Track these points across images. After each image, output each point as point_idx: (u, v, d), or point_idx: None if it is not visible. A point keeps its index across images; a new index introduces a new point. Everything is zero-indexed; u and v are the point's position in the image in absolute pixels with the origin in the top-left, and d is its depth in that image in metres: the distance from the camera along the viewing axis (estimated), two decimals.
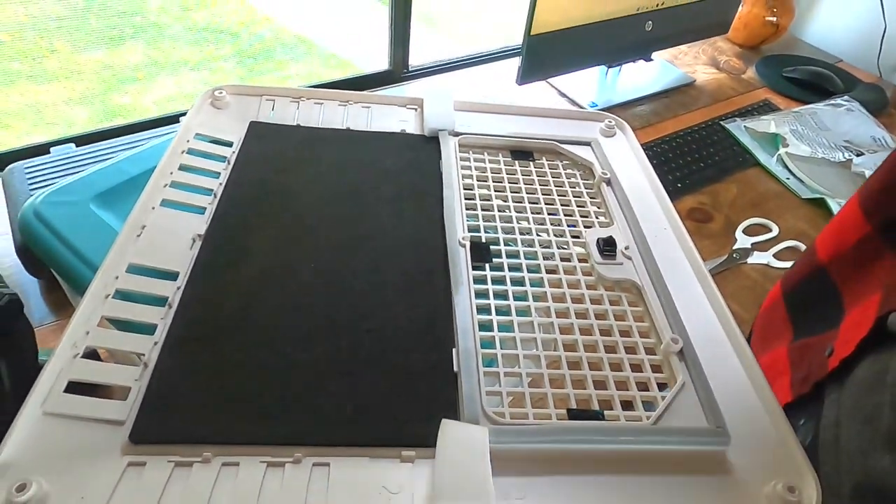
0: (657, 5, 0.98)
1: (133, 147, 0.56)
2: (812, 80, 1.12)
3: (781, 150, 0.91)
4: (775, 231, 0.79)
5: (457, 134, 0.57)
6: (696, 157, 0.90)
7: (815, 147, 0.91)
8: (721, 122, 0.98)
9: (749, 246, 0.77)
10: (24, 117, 2.25)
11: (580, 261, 0.48)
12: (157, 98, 2.42)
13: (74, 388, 0.34)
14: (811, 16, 1.31)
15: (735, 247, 0.77)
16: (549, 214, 0.51)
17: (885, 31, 1.17)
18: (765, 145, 0.94)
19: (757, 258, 0.75)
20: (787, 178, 0.88)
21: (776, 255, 0.75)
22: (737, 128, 0.97)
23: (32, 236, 0.46)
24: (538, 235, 0.49)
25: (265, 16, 2.82)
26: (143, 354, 0.36)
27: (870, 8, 1.18)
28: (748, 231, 0.79)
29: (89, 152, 0.64)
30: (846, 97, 1.04)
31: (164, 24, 2.69)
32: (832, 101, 1.03)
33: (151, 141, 0.58)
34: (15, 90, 2.33)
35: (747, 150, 0.93)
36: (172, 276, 0.41)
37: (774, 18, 1.17)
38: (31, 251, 0.56)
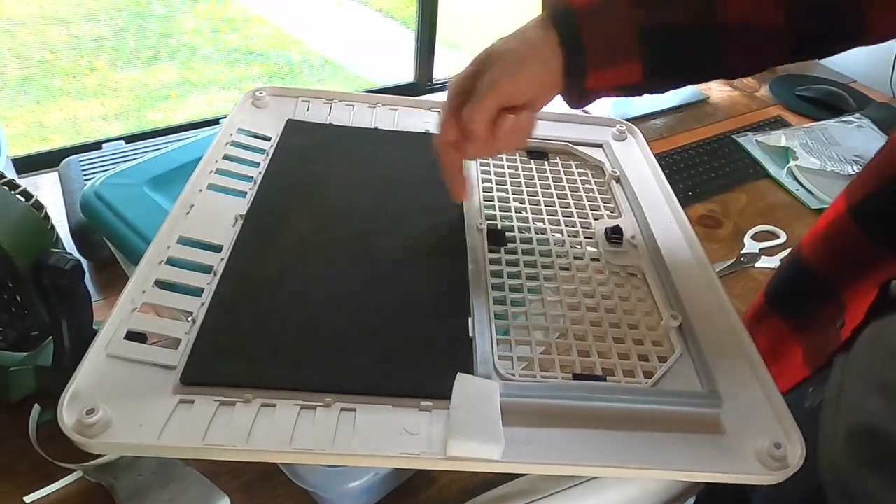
0: None
1: (177, 142, 0.61)
2: (824, 99, 1.15)
3: (791, 163, 0.94)
4: (783, 237, 0.82)
5: None
6: (707, 168, 0.93)
7: (824, 160, 0.94)
8: (733, 136, 1.01)
9: (757, 251, 0.79)
10: (63, 131, 2.36)
11: (589, 247, 0.51)
12: (189, 115, 2.52)
13: (132, 338, 0.38)
14: None
15: (743, 251, 0.79)
16: (561, 207, 0.55)
17: None
18: (775, 158, 0.97)
19: (764, 262, 0.78)
20: (797, 190, 0.91)
21: (782, 260, 0.78)
22: (748, 141, 1.00)
23: (93, 213, 0.51)
24: (551, 225, 0.53)
25: (294, 38, 2.93)
26: (192, 312, 0.40)
27: None
28: (756, 237, 0.82)
29: (137, 148, 0.70)
30: (857, 115, 1.07)
31: (197, 46, 2.81)
32: (843, 119, 1.06)
33: (193, 138, 0.63)
34: (55, 105, 2.44)
35: (758, 162, 0.96)
36: (217, 248, 0.45)
37: None
38: (84, 234, 0.62)
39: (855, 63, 1.29)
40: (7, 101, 2.37)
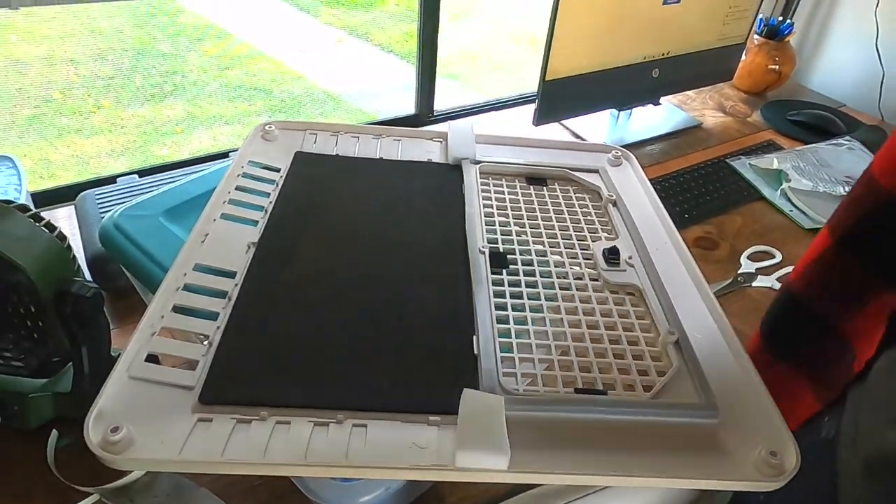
0: (663, 54, 1.06)
1: (189, 175, 0.64)
2: (815, 123, 1.18)
3: (784, 185, 0.97)
4: (779, 257, 0.83)
5: (477, 162, 0.64)
6: (702, 191, 0.95)
7: (816, 182, 0.96)
8: (726, 160, 1.04)
9: (753, 271, 0.81)
10: (70, 168, 2.40)
11: (588, 268, 0.53)
12: (194, 150, 2.56)
13: (151, 360, 0.40)
14: (814, 64, 1.38)
15: (740, 271, 0.81)
16: (560, 230, 0.57)
17: (883, 77, 1.23)
18: (768, 180, 0.99)
19: (761, 282, 0.79)
20: (791, 211, 0.93)
21: (779, 279, 0.79)
22: (741, 165, 1.02)
23: (112, 243, 0.53)
24: (550, 247, 0.55)
25: (297, 73, 3.00)
26: (208, 335, 0.42)
27: (867, 56, 1.25)
28: (752, 257, 0.84)
29: (150, 182, 0.73)
30: (847, 137, 1.10)
31: (202, 83, 2.87)
32: (834, 141, 1.09)
33: (206, 170, 0.66)
34: (63, 143, 2.49)
35: (751, 184, 0.98)
36: (231, 274, 0.47)
37: (776, 66, 1.24)
38: (100, 265, 0.64)
39: (844, 87, 1.33)
40: (16, 139, 2.42)
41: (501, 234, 0.56)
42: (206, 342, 0.42)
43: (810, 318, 0.49)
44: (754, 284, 0.79)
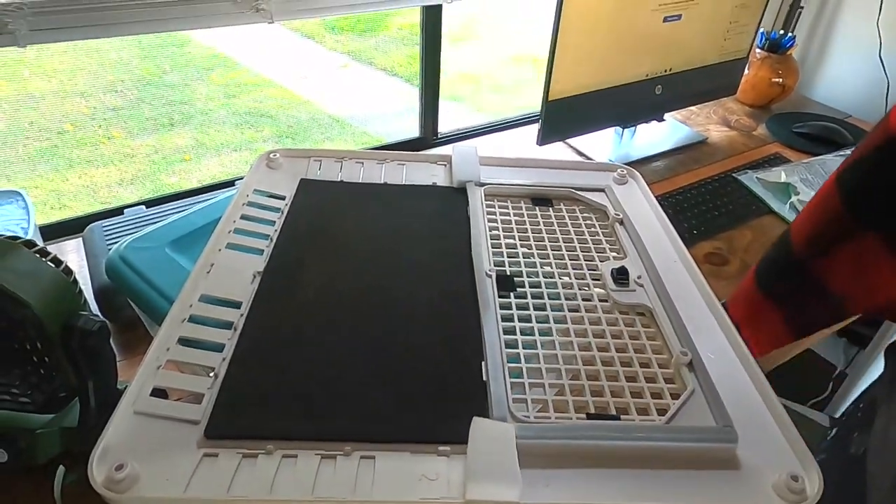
0: (665, 71, 1.06)
1: (195, 205, 0.64)
2: (822, 134, 1.17)
3: (794, 198, 0.96)
4: None
5: (482, 184, 0.64)
6: (709, 207, 0.95)
7: None
8: (733, 175, 1.03)
9: None
10: (80, 198, 2.43)
11: (597, 289, 0.52)
12: (203, 177, 2.59)
13: (156, 394, 0.40)
14: (818, 75, 1.38)
15: None
16: (567, 251, 0.57)
17: (888, 86, 1.23)
18: (777, 194, 0.98)
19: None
20: None
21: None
22: (749, 179, 1.02)
23: (118, 276, 0.53)
24: (558, 269, 0.54)
25: (303, 99, 3.03)
26: (214, 368, 0.42)
27: (871, 66, 1.25)
28: None
29: (157, 213, 0.73)
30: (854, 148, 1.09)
31: (210, 111, 2.91)
32: (841, 153, 1.08)
33: (211, 200, 0.66)
34: (74, 173, 2.52)
35: (760, 198, 0.98)
36: (237, 304, 0.47)
37: (780, 79, 1.24)
38: (107, 297, 0.64)
39: (849, 98, 1.32)
40: (28, 171, 2.46)
41: (508, 257, 0.55)
42: (211, 374, 0.41)
43: (790, 256, 0.51)
44: None
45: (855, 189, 0.46)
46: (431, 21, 1.06)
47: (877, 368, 0.86)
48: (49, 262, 0.46)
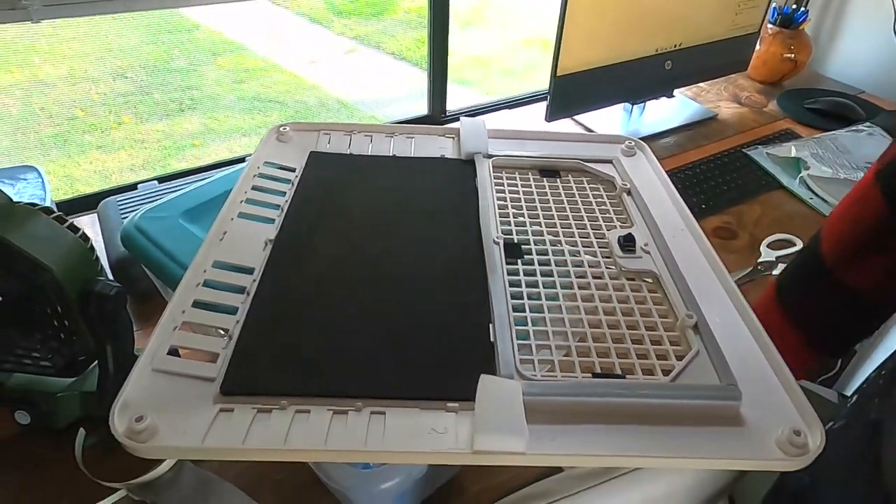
0: (675, 46, 1.05)
1: (207, 179, 0.65)
2: (833, 110, 1.16)
3: (804, 172, 0.95)
4: (799, 245, 0.82)
5: (490, 156, 0.64)
6: (719, 182, 0.95)
7: (836, 168, 0.95)
8: (743, 150, 1.03)
9: (774, 259, 0.80)
10: (93, 183, 2.45)
11: (603, 256, 0.53)
12: (212, 162, 2.61)
13: (173, 354, 0.41)
14: (832, 51, 1.36)
15: (760, 260, 0.80)
16: (574, 220, 0.57)
17: None
18: (787, 169, 0.98)
19: (782, 269, 0.78)
20: (811, 198, 0.92)
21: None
22: (759, 154, 1.01)
23: (134, 244, 0.54)
24: (565, 237, 0.55)
25: (311, 84, 3.03)
26: (228, 329, 0.43)
27: (885, 41, 1.23)
28: (773, 246, 0.82)
29: (170, 187, 0.74)
30: (867, 123, 1.08)
31: (219, 96, 2.92)
32: (853, 128, 1.07)
33: (223, 173, 0.67)
34: (85, 159, 2.54)
35: (770, 173, 0.97)
36: (249, 270, 0.48)
37: (792, 55, 1.23)
38: (123, 269, 0.65)
39: (862, 74, 1.31)
40: (41, 156, 2.48)
41: (516, 226, 0.56)
42: (226, 335, 0.42)
43: (820, 266, 0.47)
44: (775, 273, 0.78)
45: None
46: None
47: (886, 344, 0.86)
48: (67, 229, 0.47)
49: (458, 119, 1.18)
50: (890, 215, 0.42)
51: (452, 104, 1.20)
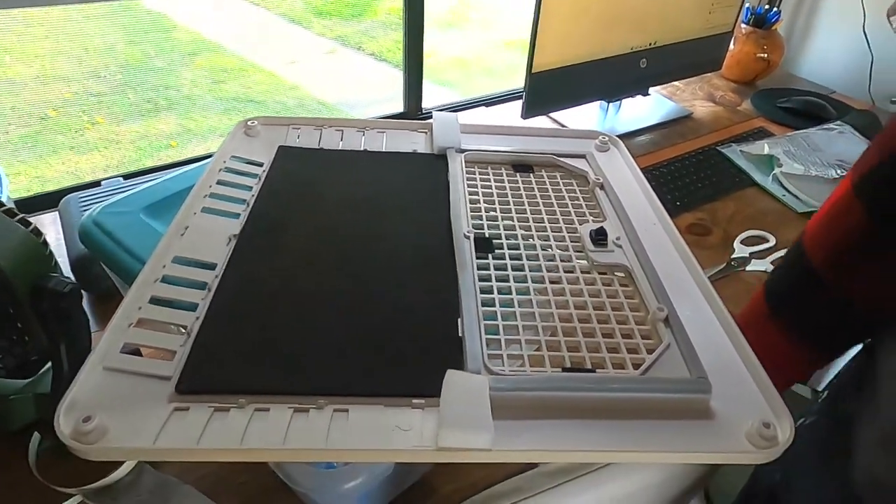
0: (650, 44, 1.05)
1: (171, 174, 0.63)
2: (806, 109, 1.17)
3: (776, 170, 0.96)
4: (772, 241, 0.83)
5: (463, 151, 0.63)
6: (693, 179, 0.95)
7: (808, 166, 0.95)
8: (717, 148, 1.03)
9: (747, 255, 0.80)
10: (65, 185, 2.40)
11: (575, 250, 0.52)
12: (181, 160, 2.56)
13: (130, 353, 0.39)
14: (803, 51, 1.38)
15: (733, 256, 0.80)
16: (547, 214, 0.57)
17: (872, 62, 1.23)
18: (760, 166, 0.98)
19: (755, 265, 0.78)
20: (783, 195, 0.93)
21: (773, 263, 0.79)
22: (732, 152, 1.02)
23: (92, 241, 0.52)
24: (537, 232, 0.54)
25: (290, 84, 3.01)
26: (187, 326, 0.41)
27: (856, 42, 1.25)
28: (746, 242, 0.83)
29: (135, 184, 0.72)
30: (838, 122, 1.10)
31: (196, 96, 2.88)
32: (825, 127, 1.09)
33: (187, 168, 0.65)
34: (58, 160, 2.49)
35: (743, 171, 0.98)
36: (211, 266, 0.47)
37: (765, 55, 1.24)
38: (83, 267, 0.63)
39: (833, 74, 1.32)
40: (10, 157, 2.42)
41: (487, 220, 0.55)
42: (184, 333, 0.41)
43: (810, 272, 0.47)
44: (748, 268, 0.78)
45: (881, 200, 0.42)
46: None
47: None
48: (17, 223, 0.45)
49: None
50: (875, 229, 0.42)
51: (431, 104, 1.19)
